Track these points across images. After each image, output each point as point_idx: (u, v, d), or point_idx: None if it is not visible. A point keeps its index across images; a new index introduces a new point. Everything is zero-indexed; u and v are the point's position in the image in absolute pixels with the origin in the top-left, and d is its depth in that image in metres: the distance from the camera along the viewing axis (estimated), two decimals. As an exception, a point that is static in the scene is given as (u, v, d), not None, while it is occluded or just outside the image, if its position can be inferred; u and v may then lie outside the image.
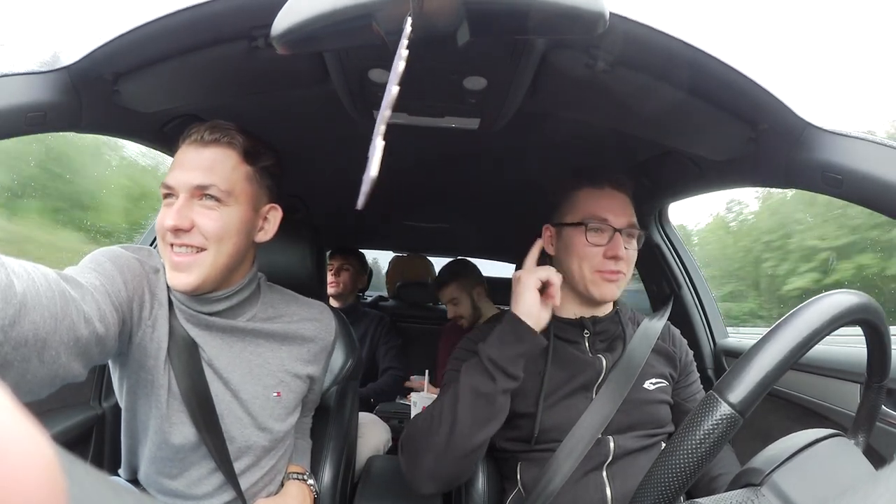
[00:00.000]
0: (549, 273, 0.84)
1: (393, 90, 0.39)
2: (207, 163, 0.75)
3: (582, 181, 0.93)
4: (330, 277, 2.08)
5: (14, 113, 0.64)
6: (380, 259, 3.15)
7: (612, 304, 0.99)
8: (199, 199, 0.74)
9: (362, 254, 2.28)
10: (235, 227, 0.77)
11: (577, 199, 0.92)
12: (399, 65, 0.40)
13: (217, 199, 0.74)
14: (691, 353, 1.01)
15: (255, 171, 0.79)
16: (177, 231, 0.72)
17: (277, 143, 0.84)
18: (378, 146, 0.37)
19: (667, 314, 1.04)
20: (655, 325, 0.97)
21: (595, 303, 0.94)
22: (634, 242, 0.91)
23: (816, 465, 0.48)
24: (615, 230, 0.87)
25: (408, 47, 0.43)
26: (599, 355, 0.91)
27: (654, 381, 0.91)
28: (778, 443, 0.52)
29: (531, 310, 0.82)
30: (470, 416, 0.79)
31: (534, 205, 1.08)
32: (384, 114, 0.38)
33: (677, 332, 1.02)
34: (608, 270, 0.88)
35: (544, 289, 0.84)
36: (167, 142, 0.97)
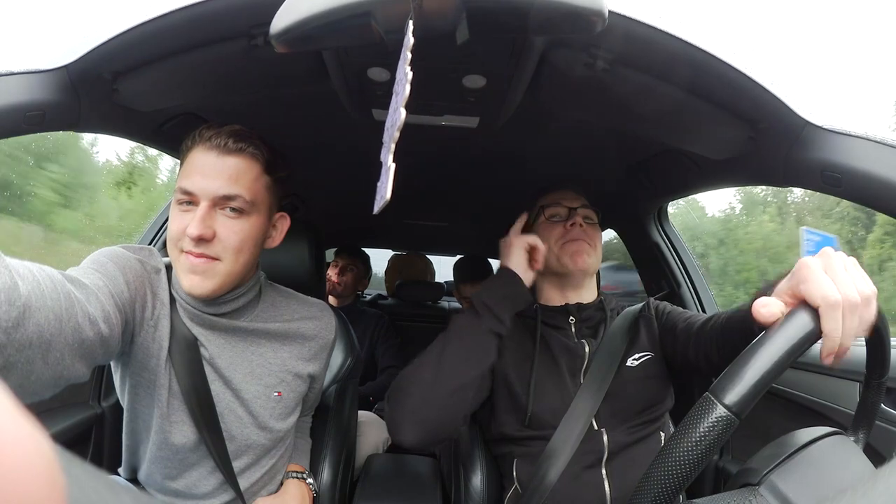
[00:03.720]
0: (536, 240, 0.94)
1: (401, 113, 0.39)
2: (232, 172, 0.73)
3: (536, 192, 1.08)
4: (332, 275, 2.08)
5: (13, 112, 0.64)
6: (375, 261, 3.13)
7: (596, 292, 1.03)
8: (221, 208, 0.73)
9: (368, 256, 2.27)
10: (253, 238, 0.77)
11: (537, 202, 1.06)
12: (405, 87, 0.40)
13: (239, 210, 0.74)
14: (669, 305, 1.00)
15: (272, 181, 0.79)
16: (200, 240, 0.71)
17: (276, 141, 0.84)
18: (391, 168, 0.37)
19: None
20: (636, 307, 1.00)
21: (575, 281, 0.99)
22: (593, 218, 1.03)
23: (815, 464, 0.48)
24: (570, 209, 1.00)
25: (410, 52, 0.43)
26: (583, 340, 0.94)
27: (637, 355, 0.91)
28: (776, 442, 0.52)
29: (519, 265, 0.92)
30: (457, 353, 0.85)
31: (533, 203, 1.08)
32: (394, 135, 0.38)
33: (657, 302, 1.02)
34: (572, 238, 0.97)
35: (531, 254, 0.93)
36: (166, 140, 0.97)
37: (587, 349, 0.93)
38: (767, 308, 0.48)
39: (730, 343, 0.73)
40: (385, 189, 0.37)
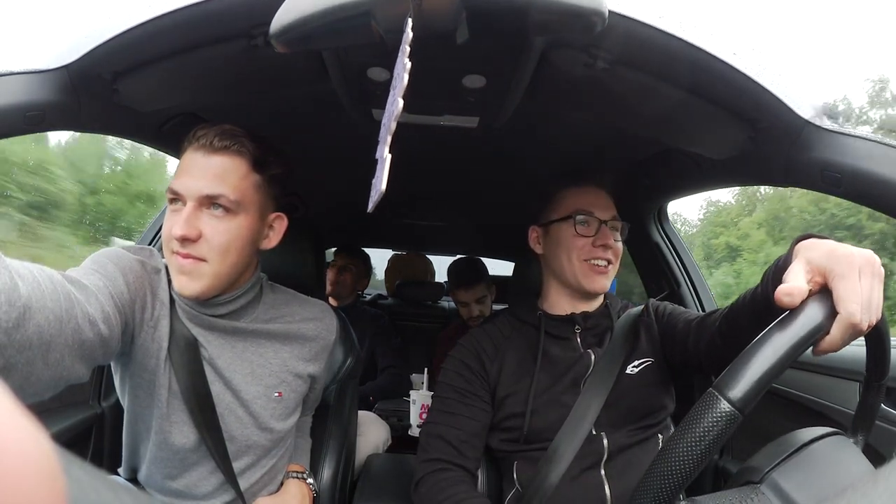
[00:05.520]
0: None
1: (399, 103, 0.38)
2: (217, 171, 0.73)
3: (566, 181, 0.98)
4: (331, 275, 2.07)
5: (13, 112, 0.64)
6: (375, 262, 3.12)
7: (602, 297, 1.00)
8: (207, 207, 0.73)
9: (367, 256, 2.25)
10: (242, 238, 0.76)
11: (563, 197, 0.96)
12: (403, 78, 0.40)
13: (226, 209, 0.74)
14: (669, 305, 0.98)
15: (263, 179, 0.79)
16: (184, 240, 0.71)
17: (276, 141, 0.84)
18: (386, 159, 0.36)
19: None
20: (636, 310, 0.98)
21: (586, 297, 0.96)
22: (619, 235, 0.95)
23: (816, 464, 0.48)
24: (601, 222, 0.92)
25: (409, 45, 0.43)
26: (589, 350, 0.92)
27: (637, 362, 0.90)
28: (777, 441, 0.52)
29: None
30: None
31: (532, 203, 1.08)
32: (390, 126, 0.38)
33: (658, 304, 1.00)
34: (597, 257, 0.91)
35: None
36: (166, 141, 0.97)
37: (593, 358, 0.91)
38: (791, 297, 0.47)
39: (736, 327, 0.71)
40: (380, 182, 0.36)
